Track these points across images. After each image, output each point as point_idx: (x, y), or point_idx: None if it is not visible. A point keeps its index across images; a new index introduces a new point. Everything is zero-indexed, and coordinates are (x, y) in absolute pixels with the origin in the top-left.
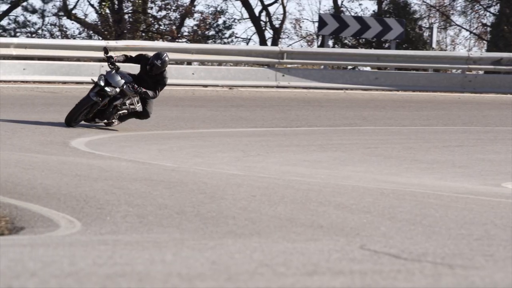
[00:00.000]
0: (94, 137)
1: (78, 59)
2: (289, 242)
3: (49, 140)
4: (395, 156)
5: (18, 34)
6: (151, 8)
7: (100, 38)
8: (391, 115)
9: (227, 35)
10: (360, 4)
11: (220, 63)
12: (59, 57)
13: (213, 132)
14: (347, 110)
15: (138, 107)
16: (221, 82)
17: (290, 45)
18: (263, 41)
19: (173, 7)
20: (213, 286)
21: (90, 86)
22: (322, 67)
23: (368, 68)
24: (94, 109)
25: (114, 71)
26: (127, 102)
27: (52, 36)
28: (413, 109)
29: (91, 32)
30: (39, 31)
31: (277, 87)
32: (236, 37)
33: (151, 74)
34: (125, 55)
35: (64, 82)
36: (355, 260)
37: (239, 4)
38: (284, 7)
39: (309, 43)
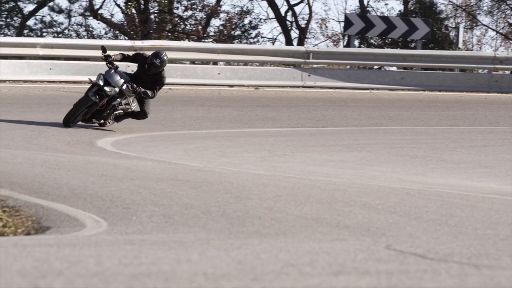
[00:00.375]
0: (120, 137)
1: None
2: (315, 242)
3: (76, 140)
4: (421, 156)
5: (44, 34)
6: (177, 8)
7: (126, 38)
8: (417, 115)
9: (253, 35)
10: (386, 4)
11: (246, 63)
12: (85, 57)
13: (239, 132)
14: (373, 110)
15: (134, 107)
16: (247, 82)
17: (316, 45)
18: (289, 41)
19: (199, 7)
20: (238, 286)
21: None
22: (348, 67)
23: (394, 68)
24: (93, 109)
25: (113, 71)
26: (123, 102)
27: (78, 36)
28: (439, 109)
29: (117, 32)
30: (66, 31)
31: (303, 87)
32: (262, 37)
33: (149, 73)
34: (122, 54)
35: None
36: (381, 260)
37: (265, 4)
38: (310, 7)
39: (335, 43)
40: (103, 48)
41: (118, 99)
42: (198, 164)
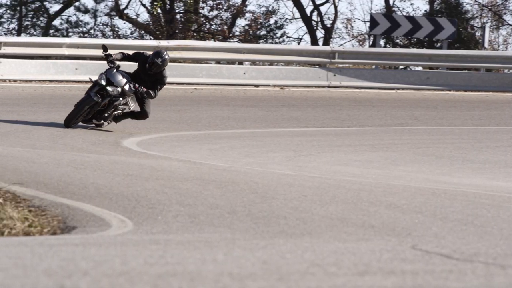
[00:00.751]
0: (146, 137)
1: None
2: (340, 242)
3: (101, 139)
4: (447, 156)
5: (70, 34)
6: (203, 8)
7: (152, 38)
8: (443, 115)
9: (278, 35)
10: (411, 4)
11: (271, 63)
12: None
13: (264, 132)
14: (398, 110)
15: (132, 107)
16: (273, 82)
17: (342, 44)
18: (314, 41)
19: (225, 7)
20: (264, 286)
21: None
22: (373, 66)
23: (419, 68)
24: (95, 110)
25: (115, 70)
26: (122, 101)
27: (104, 36)
28: (465, 109)
29: (143, 32)
30: (91, 31)
31: (329, 87)
32: (287, 37)
33: (150, 73)
34: (122, 53)
35: None
36: (407, 260)
37: (290, 3)
38: (335, 7)
39: (361, 42)
40: (104, 47)
41: (120, 99)
42: (224, 164)
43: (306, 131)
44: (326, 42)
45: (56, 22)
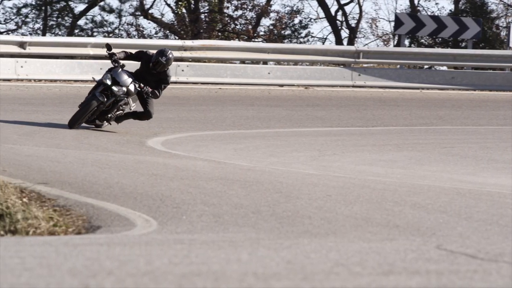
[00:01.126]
0: (171, 136)
1: None
2: (365, 241)
3: (126, 139)
4: (472, 155)
5: (95, 33)
6: (227, 7)
7: (177, 37)
8: (468, 115)
9: (303, 35)
10: (436, 4)
11: (296, 62)
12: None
13: (288, 131)
14: (423, 110)
15: (133, 107)
16: (297, 81)
17: (366, 44)
18: (339, 41)
19: (249, 7)
20: (288, 285)
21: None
22: (398, 66)
23: (444, 68)
24: (100, 110)
25: (120, 69)
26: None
27: (129, 35)
28: (490, 108)
29: (168, 31)
30: (116, 31)
31: (353, 86)
32: (312, 37)
33: (154, 72)
34: (125, 52)
35: None
36: (431, 260)
37: (315, 3)
38: (360, 7)
39: (385, 42)
40: (108, 46)
41: (125, 99)
42: (248, 164)
43: (331, 131)
44: (351, 41)
45: (81, 21)
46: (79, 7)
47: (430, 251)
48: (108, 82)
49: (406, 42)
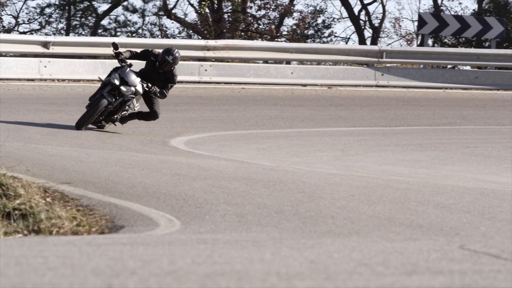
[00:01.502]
0: (194, 136)
1: None
2: (388, 241)
3: (149, 139)
4: (495, 155)
5: (118, 33)
6: (251, 7)
7: (200, 37)
8: (491, 115)
9: (326, 34)
10: (460, 3)
11: (319, 62)
12: None
13: (311, 131)
14: (446, 110)
15: (137, 107)
16: (320, 81)
17: (389, 44)
18: (362, 40)
19: (273, 6)
20: (311, 285)
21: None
22: (421, 66)
23: (468, 67)
24: (108, 111)
25: (128, 69)
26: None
27: (152, 35)
28: None
29: (191, 31)
30: (139, 31)
31: (376, 86)
32: (335, 36)
33: (160, 72)
34: (130, 51)
35: None
36: (455, 260)
37: (338, 3)
38: (383, 6)
39: (409, 42)
40: (115, 45)
41: (132, 99)
42: (271, 164)
43: (354, 131)
44: (374, 41)
45: (105, 21)
46: (103, 7)
47: (453, 251)
48: (117, 82)
49: (430, 41)
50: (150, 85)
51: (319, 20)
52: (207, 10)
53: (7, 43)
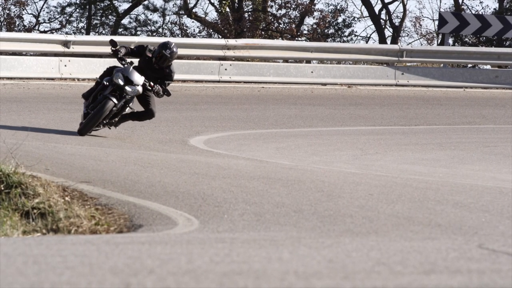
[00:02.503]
0: (213, 135)
1: (198, 57)
2: (407, 240)
3: (168, 138)
4: None
5: (139, 32)
6: (271, 6)
7: (220, 36)
8: (511, 114)
9: (346, 33)
10: (481, 2)
11: (339, 61)
12: (179, 55)
13: (331, 130)
14: (466, 109)
15: (130, 106)
16: (340, 80)
17: (410, 43)
18: (382, 40)
19: (293, 6)
20: (329, 284)
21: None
22: (441, 65)
23: (488, 67)
24: (111, 114)
25: (131, 67)
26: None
27: (172, 34)
28: None
29: (211, 30)
30: (160, 30)
31: (396, 85)
32: (355, 35)
33: (156, 68)
34: (125, 47)
35: (184, 81)
36: (473, 259)
37: (359, 2)
38: (404, 5)
39: (429, 41)
40: (113, 42)
41: (132, 100)
42: (290, 163)
43: (373, 130)
44: (394, 40)
45: (125, 20)
46: (123, 6)
47: (472, 250)
48: (121, 82)
49: (450, 41)
50: (152, 84)
51: (340, 19)
52: (227, 9)
53: (27, 42)
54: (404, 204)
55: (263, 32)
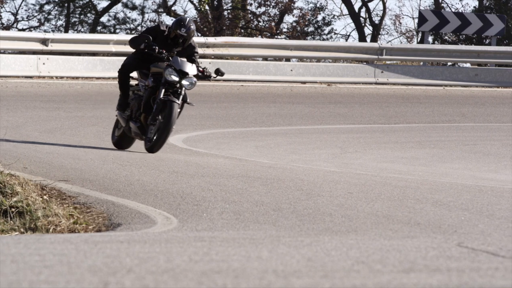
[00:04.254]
0: (192, 134)
1: None
2: (386, 239)
3: None
4: (494, 153)
5: (117, 30)
6: (251, 4)
7: (199, 34)
8: (491, 112)
9: (326, 32)
10: (460, 0)
11: (318, 59)
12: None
13: (310, 128)
14: (446, 107)
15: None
16: (320, 78)
17: (390, 41)
18: (362, 38)
19: (273, 4)
20: (309, 283)
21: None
22: (421, 63)
23: (468, 65)
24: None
25: (176, 56)
26: None
27: None
28: None
29: None
30: (139, 28)
31: (376, 83)
32: (335, 34)
33: (178, 50)
34: (146, 36)
35: None
36: (452, 258)
37: (339, 0)
38: (384, 3)
39: (409, 39)
40: (135, 41)
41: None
42: (269, 161)
43: (353, 128)
44: (374, 38)
45: (104, 18)
46: (102, 4)
47: (451, 248)
48: (176, 78)
49: (430, 39)
50: (201, 67)
51: (319, 17)
52: (206, 7)
53: (5, 40)
54: (384, 202)
55: (242, 30)
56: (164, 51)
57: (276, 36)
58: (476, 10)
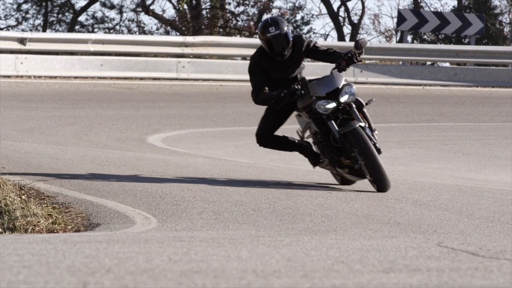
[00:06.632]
0: (171, 133)
1: (156, 55)
2: (366, 239)
3: (126, 136)
4: (474, 152)
5: (96, 30)
6: (229, 3)
7: (178, 33)
8: (470, 111)
9: (305, 31)
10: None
11: None
12: (136, 53)
13: (291, 128)
14: (425, 106)
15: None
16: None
17: (369, 40)
18: (341, 37)
19: (251, 3)
20: (288, 283)
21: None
22: (400, 63)
23: (447, 64)
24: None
25: (309, 81)
26: None
27: (129, 31)
28: (492, 105)
29: (169, 27)
30: (117, 27)
31: (355, 83)
32: (314, 33)
33: (288, 61)
34: (276, 94)
35: (141, 78)
36: (432, 258)
37: None
38: (363, 3)
39: (388, 38)
40: (275, 99)
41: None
42: (249, 161)
43: None
44: (353, 38)
45: (82, 18)
46: (80, 3)
47: (431, 248)
48: (332, 105)
49: (409, 38)
50: (344, 55)
51: (298, 17)
52: (185, 7)
53: None
54: (363, 202)
55: (221, 30)
56: (297, 86)
57: (255, 36)
58: (455, 9)
